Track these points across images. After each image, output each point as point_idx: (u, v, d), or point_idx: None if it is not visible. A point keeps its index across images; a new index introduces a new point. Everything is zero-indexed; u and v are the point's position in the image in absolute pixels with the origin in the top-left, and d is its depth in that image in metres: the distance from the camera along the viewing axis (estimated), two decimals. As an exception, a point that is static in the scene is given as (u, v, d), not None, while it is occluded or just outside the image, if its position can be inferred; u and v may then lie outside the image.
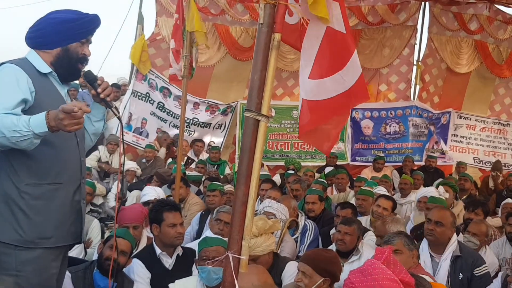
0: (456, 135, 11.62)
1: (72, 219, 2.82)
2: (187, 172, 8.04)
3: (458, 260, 4.11)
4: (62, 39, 2.74)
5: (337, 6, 2.66)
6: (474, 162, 11.54)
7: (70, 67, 2.81)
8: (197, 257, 3.74)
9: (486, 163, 11.23)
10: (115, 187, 8.01)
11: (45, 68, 2.75)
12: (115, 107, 2.96)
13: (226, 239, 3.00)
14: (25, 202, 2.63)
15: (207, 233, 4.79)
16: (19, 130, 2.41)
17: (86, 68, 2.91)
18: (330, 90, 2.70)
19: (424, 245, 4.33)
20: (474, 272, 4.08)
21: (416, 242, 4.16)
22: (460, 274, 4.08)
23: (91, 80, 2.83)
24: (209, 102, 10.14)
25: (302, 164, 9.84)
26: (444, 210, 4.46)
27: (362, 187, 6.94)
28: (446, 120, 11.45)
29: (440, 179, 8.88)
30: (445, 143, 11.46)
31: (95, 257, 4.14)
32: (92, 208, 6.25)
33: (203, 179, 7.83)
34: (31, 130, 2.41)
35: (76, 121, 2.41)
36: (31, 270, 2.65)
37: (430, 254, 4.25)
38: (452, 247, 4.17)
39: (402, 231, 4.39)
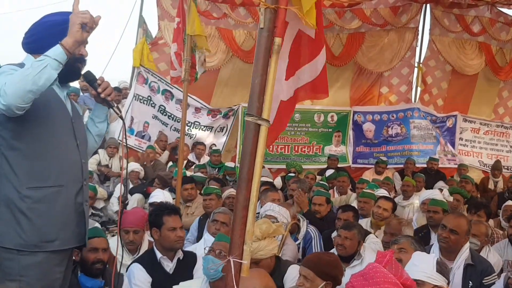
0: (462, 139, 11.59)
1: (75, 222, 2.81)
2: (188, 173, 8.04)
3: (470, 268, 4.08)
4: (57, 42, 2.67)
5: None
6: (480, 165, 11.51)
7: (69, 68, 2.74)
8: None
9: (489, 166, 11.18)
10: (118, 190, 8.02)
11: None
12: (117, 107, 2.98)
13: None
14: (27, 205, 2.61)
15: (205, 236, 4.81)
16: (34, 66, 2.45)
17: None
18: (290, 89, 2.79)
19: (435, 250, 4.29)
20: (483, 281, 4.05)
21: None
22: (470, 282, 4.05)
23: (91, 80, 2.84)
24: (212, 108, 10.16)
25: (303, 167, 9.83)
26: (460, 218, 4.37)
27: (364, 190, 6.95)
28: (452, 124, 11.41)
29: (440, 182, 8.88)
30: (453, 146, 11.41)
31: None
32: (94, 212, 6.25)
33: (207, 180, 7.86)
34: (46, 56, 2.48)
35: (86, 10, 2.57)
36: (34, 275, 2.63)
37: (441, 258, 4.21)
38: (464, 255, 4.13)
39: (410, 236, 4.38)
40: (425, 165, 10.38)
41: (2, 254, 2.61)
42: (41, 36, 2.73)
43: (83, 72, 2.89)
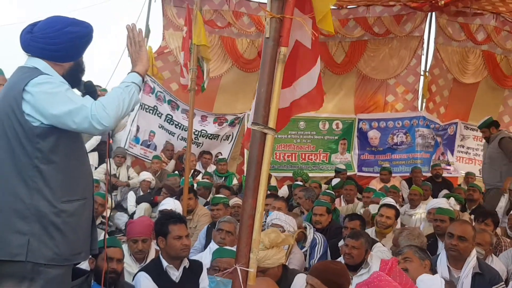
0: (463, 146, 11.48)
1: (91, 233, 2.85)
2: (195, 182, 8.06)
3: (478, 277, 4.01)
4: (78, 53, 2.78)
5: (309, 22, 2.72)
6: (479, 174, 11.26)
7: (77, 78, 2.83)
8: (209, 267, 3.79)
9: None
10: (126, 199, 8.05)
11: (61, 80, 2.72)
12: None
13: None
14: (62, 219, 2.60)
15: (211, 245, 4.82)
16: (126, 90, 2.66)
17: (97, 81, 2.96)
18: (286, 100, 2.83)
19: (442, 258, 4.24)
20: None
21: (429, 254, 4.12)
22: None
23: (93, 92, 2.88)
24: (217, 114, 10.20)
25: (310, 175, 9.79)
26: (465, 224, 4.32)
27: (371, 198, 6.92)
28: (453, 131, 11.35)
29: (445, 190, 8.82)
30: (452, 153, 11.33)
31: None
32: (103, 220, 6.23)
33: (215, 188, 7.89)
34: (129, 83, 2.71)
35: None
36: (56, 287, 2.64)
37: (448, 267, 4.17)
38: (472, 263, 4.06)
39: (413, 245, 4.33)
40: (428, 174, 10.30)
41: (32, 268, 2.58)
42: (66, 47, 2.69)
43: (85, 81, 2.93)
